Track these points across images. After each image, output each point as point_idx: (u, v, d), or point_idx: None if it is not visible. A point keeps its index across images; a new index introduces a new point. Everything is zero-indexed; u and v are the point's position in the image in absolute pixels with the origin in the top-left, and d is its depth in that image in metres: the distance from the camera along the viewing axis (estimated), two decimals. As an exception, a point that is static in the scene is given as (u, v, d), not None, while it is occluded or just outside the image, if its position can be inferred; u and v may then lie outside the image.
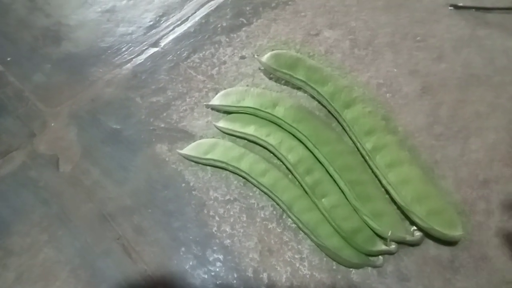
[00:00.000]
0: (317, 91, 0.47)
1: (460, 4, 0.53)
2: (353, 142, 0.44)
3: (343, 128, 0.46)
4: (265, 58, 0.50)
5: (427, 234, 0.38)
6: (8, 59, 0.63)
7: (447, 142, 0.44)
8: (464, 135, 0.44)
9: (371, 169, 0.42)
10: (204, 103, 0.52)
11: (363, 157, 0.43)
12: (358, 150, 0.44)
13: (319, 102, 0.48)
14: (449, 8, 0.53)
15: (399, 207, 0.40)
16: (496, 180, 0.41)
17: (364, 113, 0.44)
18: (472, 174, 0.42)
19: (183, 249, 0.43)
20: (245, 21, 0.58)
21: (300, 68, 0.48)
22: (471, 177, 0.42)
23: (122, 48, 0.61)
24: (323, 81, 0.47)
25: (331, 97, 0.46)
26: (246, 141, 0.48)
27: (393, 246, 0.38)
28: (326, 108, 0.48)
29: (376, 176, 0.42)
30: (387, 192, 0.41)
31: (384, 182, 0.40)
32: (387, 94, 0.48)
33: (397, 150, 0.42)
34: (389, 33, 0.53)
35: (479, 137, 0.44)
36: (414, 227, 0.39)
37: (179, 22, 0.61)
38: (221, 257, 0.42)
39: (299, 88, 0.50)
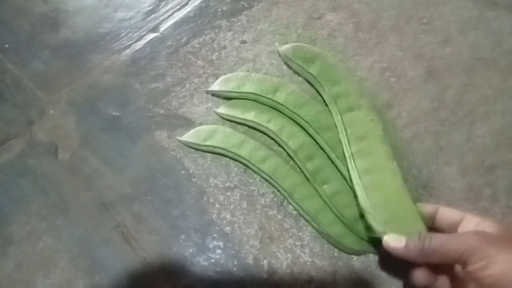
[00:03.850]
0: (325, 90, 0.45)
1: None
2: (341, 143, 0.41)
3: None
4: (284, 48, 0.49)
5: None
6: (6, 46, 0.62)
7: (452, 127, 0.43)
8: (470, 120, 0.43)
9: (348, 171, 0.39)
10: (204, 89, 0.51)
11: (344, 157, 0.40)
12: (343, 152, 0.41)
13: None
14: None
15: None
16: (502, 166, 0.40)
17: (364, 120, 0.41)
18: (478, 160, 0.41)
19: (183, 236, 0.42)
20: (245, 5, 0.57)
21: (316, 62, 0.47)
22: (476, 163, 0.41)
23: (121, 34, 0.60)
24: (334, 81, 0.45)
25: (336, 98, 0.44)
26: (246, 127, 0.47)
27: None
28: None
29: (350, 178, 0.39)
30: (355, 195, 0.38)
31: (355, 182, 0.38)
32: (391, 79, 0.47)
33: (384, 158, 0.39)
34: (394, 16, 0.51)
35: (485, 122, 0.42)
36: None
37: (178, 7, 0.60)
38: (221, 244, 0.41)
39: (300, 73, 0.49)
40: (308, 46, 0.49)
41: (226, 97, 0.49)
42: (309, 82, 0.48)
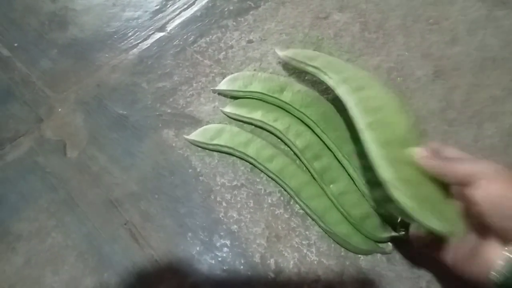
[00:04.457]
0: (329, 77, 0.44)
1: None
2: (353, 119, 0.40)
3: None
4: (284, 52, 0.47)
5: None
6: (15, 44, 0.63)
7: (460, 127, 0.43)
8: (478, 120, 0.43)
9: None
10: (211, 88, 0.51)
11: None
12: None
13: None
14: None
15: None
16: None
17: (379, 93, 0.40)
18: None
19: (190, 234, 0.43)
20: (252, 4, 0.57)
21: (318, 58, 0.46)
22: (484, 163, 0.40)
23: (128, 33, 0.60)
24: (339, 70, 0.44)
25: (344, 81, 0.43)
26: (253, 126, 0.47)
27: (402, 232, 0.37)
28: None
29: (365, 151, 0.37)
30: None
31: (373, 154, 0.34)
32: (399, 78, 0.47)
33: (405, 130, 0.34)
34: (401, 16, 0.51)
35: (494, 122, 0.42)
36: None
37: (185, 6, 0.60)
38: (228, 242, 0.41)
39: (307, 72, 0.49)
40: (307, 50, 0.48)
41: (233, 96, 0.49)
42: (315, 80, 0.48)
